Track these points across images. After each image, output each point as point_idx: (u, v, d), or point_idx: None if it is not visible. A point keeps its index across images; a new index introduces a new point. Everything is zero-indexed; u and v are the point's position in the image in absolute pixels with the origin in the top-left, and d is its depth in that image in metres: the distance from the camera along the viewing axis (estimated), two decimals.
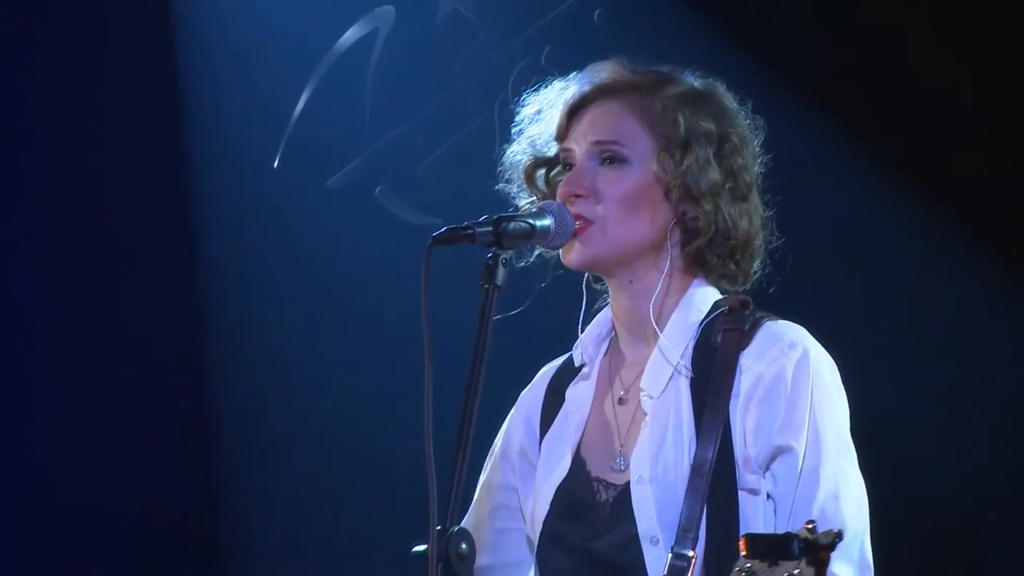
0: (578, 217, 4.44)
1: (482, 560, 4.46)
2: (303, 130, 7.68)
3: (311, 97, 7.67)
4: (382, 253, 7.10)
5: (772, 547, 3.77)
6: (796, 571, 3.72)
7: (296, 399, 7.61)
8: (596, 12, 6.90)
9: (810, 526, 3.70)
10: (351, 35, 7.57)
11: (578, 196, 4.47)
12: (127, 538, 8.07)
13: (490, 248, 4.29)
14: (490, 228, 4.30)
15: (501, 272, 4.26)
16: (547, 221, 4.40)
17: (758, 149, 4.61)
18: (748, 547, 3.78)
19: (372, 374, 7.20)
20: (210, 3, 7.73)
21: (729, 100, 4.60)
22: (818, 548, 3.73)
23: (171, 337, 7.94)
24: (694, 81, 4.60)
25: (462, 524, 4.26)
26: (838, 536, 3.65)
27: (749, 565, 3.82)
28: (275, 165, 7.70)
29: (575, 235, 4.44)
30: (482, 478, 4.65)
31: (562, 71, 4.75)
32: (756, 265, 4.60)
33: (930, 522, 6.68)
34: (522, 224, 4.36)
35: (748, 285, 4.61)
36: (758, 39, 6.51)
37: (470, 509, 4.67)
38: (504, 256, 4.27)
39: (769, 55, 6.46)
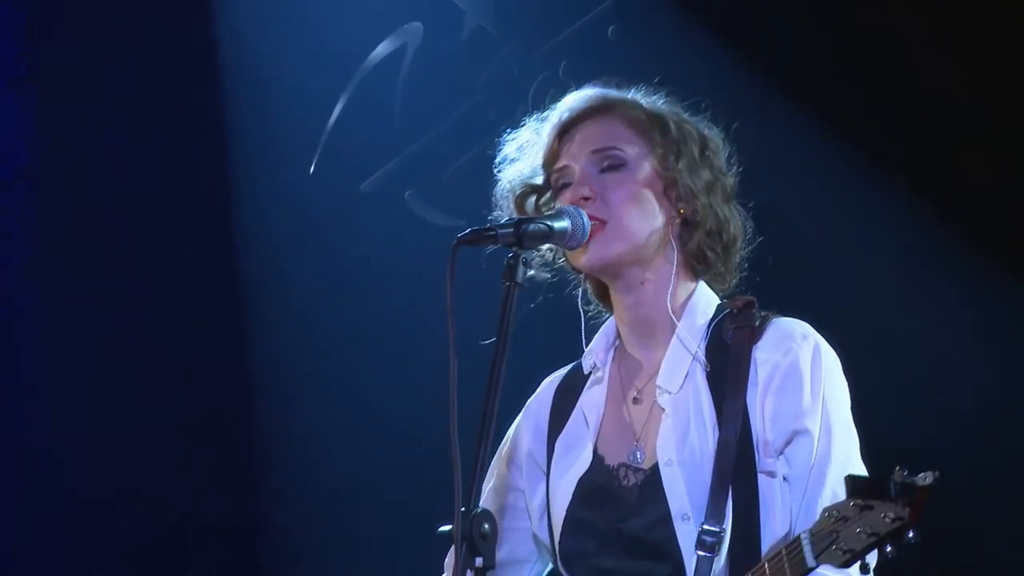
0: (592, 218, 4.45)
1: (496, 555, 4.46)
2: (337, 137, 7.69)
3: (345, 107, 7.68)
4: (410, 253, 7.10)
5: (869, 489, 3.77)
6: (892, 513, 3.73)
7: (332, 389, 7.60)
8: (610, 28, 6.90)
9: (901, 469, 3.72)
10: (382, 49, 7.58)
11: (587, 199, 4.48)
12: (172, 525, 8.00)
13: (511, 248, 4.29)
14: (511, 229, 4.31)
15: (521, 271, 4.27)
16: (565, 223, 4.40)
17: (727, 163, 4.64)
18: (849, 487, 3.79)
19: (400, 366, 7.19)
20: (252, 21, 7.73)
21: (696, 116, 4.66)
22: (915, 489, 3.72)
23: (213, 329, 7.93)
24: (663, 99, 4.64)
25: None
26: (936, 478, 3.68)
27: (838, 510, 3.83)
28: (311, 170, 7.70)
29: (591, 236, 4.44)
30: (488, 483, 4.63)
31: (578, 83, 4.78)
32: (736, 264, 4.63)
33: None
34: (541, 226, 4.36)
35: (731, 286, 4.64)
36: (760, 51, 6.46)
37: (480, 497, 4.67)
38: (524, 256, 4.29)
39: (770, 66, 6.41)
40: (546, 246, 4.60)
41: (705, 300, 4.58)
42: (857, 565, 3.85)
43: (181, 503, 7.98)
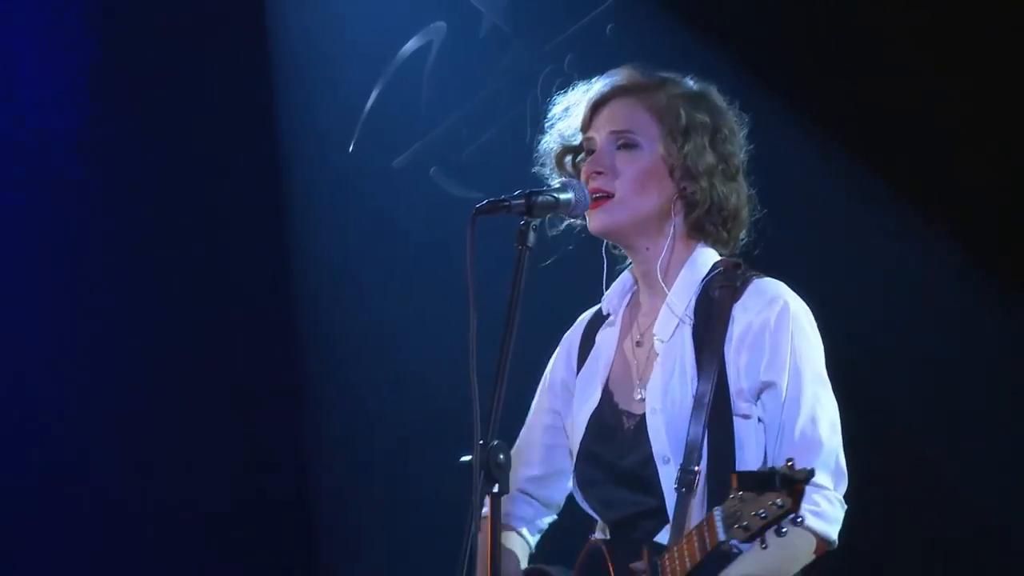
0: (599, 191, 4.47)
1: (533, 471, 4.68)
2: (373, 121, 7.69)
3: (379, 95, 7.65)
4: (435, 221, 7.08)
5: (758, 481, 3.86)
6: (779, 500, 3.82)
7: (376, 349, 7.59)
8: (608, 27, 6.87)
9: (790, 463, 3.81)
10: (411, 45, 7.57)
11: (599, 173, 4.48)
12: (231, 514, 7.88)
13: (522, 217, 4.29)
14: (522, 200, 4.31)
15: (532, 236, 4.26)
16: (569, 195, 4.41)
17: (743, 140, 4.60)
18: (739, 482, 3.89)
19: (426, 321, 7.16)
20: (299, 20, 7.72)
21: (720, 99, 4.61)
22: (794, 481, 3.82)
23: (263, 291, 7.88)
24: (692, 83, 4.61)
25: (517, 443, 4.57)
26: (810, 474, 3.78)
27: (741, 494, 3.90)
28: (350, 149, 7.69)
29: (595, 206, 4.46)
30: (533, 405, 4.68)
31: (581, 75, 4.78)
32: (743, 233, 4.60)
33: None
34: (548, 197, 4.37)
35: (737, 249, 4.61)
36: (746, 47, 6.40)
37: (523, 431, 4.71)
38: (534, 223, 4.28)
39: (755, 61, 6.34)
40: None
41: (702, 260, 4.55)
42: (815, 495, 4.06)
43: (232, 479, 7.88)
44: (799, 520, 3.84)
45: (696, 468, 4.30)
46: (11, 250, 7.76)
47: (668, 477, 4.34)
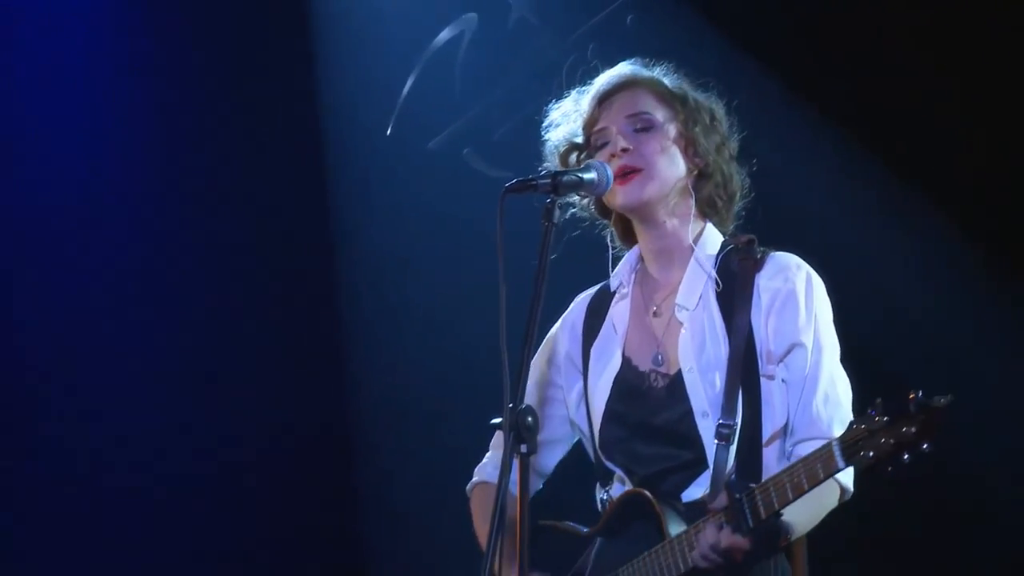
0: (628, 167, 4.52)
1: None
2: (410, 105, 7.68)
3: (415, 81, 7.65)
4: (467, 199, 7.08)
5: (893, 408, 3.83)
6: (913, 428, 3.79)
7: (414, 318, 7.60)
8: (629, 17, 6.86)
9: (919, 392, 3.79)
10: (445, 34, 7.56)
11: (625, 151, 4.53)
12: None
13: (548, 195, 4.31)
14: (548, 180, 4.33)
15: (557, 213, 4.29)
16: (592, 174, 4.44)
17: (732, 128, 4.70)
18: (881, 407, 3.84)
19: (458, 293, 7.15)
20: (340, 12, 7.73)
21: (707, 93, 4.71)
22: (931, 409, 3.79)
23: (306, 263, 7.89)
24: (682, 77, 4.70)
25: None
26: (951, 402, 3.76)
27: (865, 424, 3.87)
28: (388, 132, 7.69)
29: (625, 181, 4.51)
30: (530, 380, 4.56)
31: (603, 62, 4.83)
32: (734, 214, 4.69)
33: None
34: (573, 176, 4.39)
35: (730, 229, 4.68)
36: (755, 40, 6.36)
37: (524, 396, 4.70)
38: (559, 201, 4.31)
39: (763, 54, 6.30)
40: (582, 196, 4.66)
41: (713, 237, 4.62)
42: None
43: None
44: (927, 449, 3.80)
45: (732, 422, 4.36)
46: (72, 240, 7.75)
47: (708, 430, 4.40)
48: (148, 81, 7.87)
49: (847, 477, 4.31)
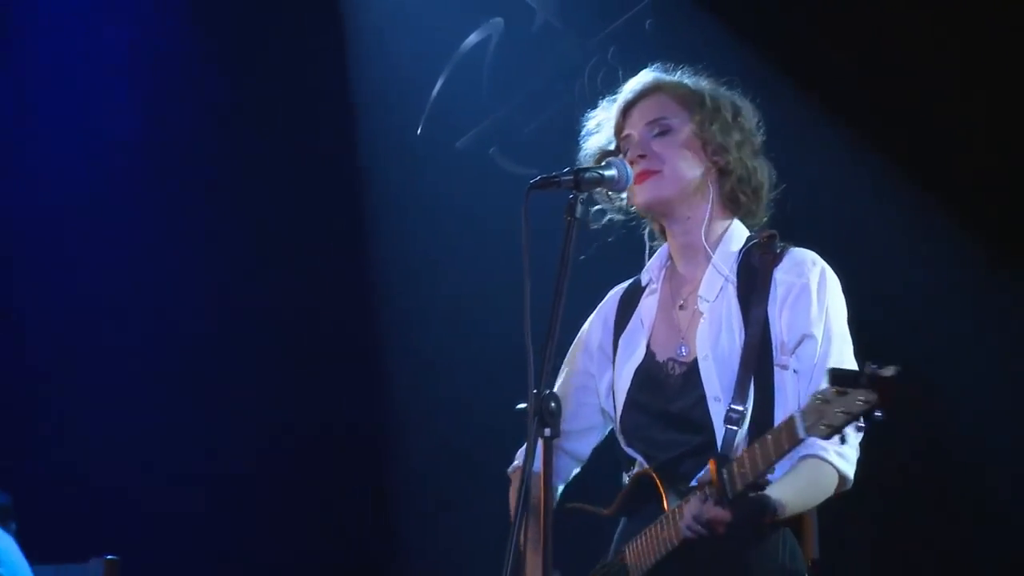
0: (647, 171, 4.53)
1: (565, 426, 4.48)
2: (439, 106, 7.69)
3: (445, 83, 7.66)
4: (494, 195, 7.08)
5: (846, 380, 3.84)
6: (864, 396, 3.82)
7: (443, 310, 7.60)
8: (647, 22, 6.86)
9: (874, 366, 3.80)
10: (473, 38, 7.58)
11: (642, 156, 4.54)
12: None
13: (571, 191, 4.31)
14: (571, 177, 4.33)
15: (580, 209, 4.28)
16: (612, 171, 4.44)
17: (757, 126, 4.67)
18: (832, 379, 3.85)
19: (483, 284, 7.14)
20: (373, 17, 7.75)
21: (734, 91, 4.69)
22: (881, 379, 3.80)
23: (342, 259, 7.90)
24: (704, 79, 4.68)
25: None
26: (900, 372, 3.78)
27: (822, 395, 3.90)
28: (418, 132, 7.70)
29: (643, 180, 4.52)
30: (564, 369, 4.71)
31: (623, 65, 4.83)
32: (766, 207, 4.66)
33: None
34: (594, 173, 4.39)
35: (762, 223, 4.66)
36: (774, 41, 6.33)
37: (556, 390, 4.67)
38: (582, 197, 4.30)
39: (777, 56, 6.27)
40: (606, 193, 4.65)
41: (738, 233, 4.61)
42: (837, 437, 3.92)
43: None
44: (879, 417, 3.82)
45: (742, 407, 4.36)
46: (108, 237, 7.78)
47: (718, 414, 4.40)
48: (184, 80, 7.91)
49: (847, 467, 4.32)
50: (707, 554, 4.25)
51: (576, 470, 4.78)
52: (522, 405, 4.18)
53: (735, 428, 4.35)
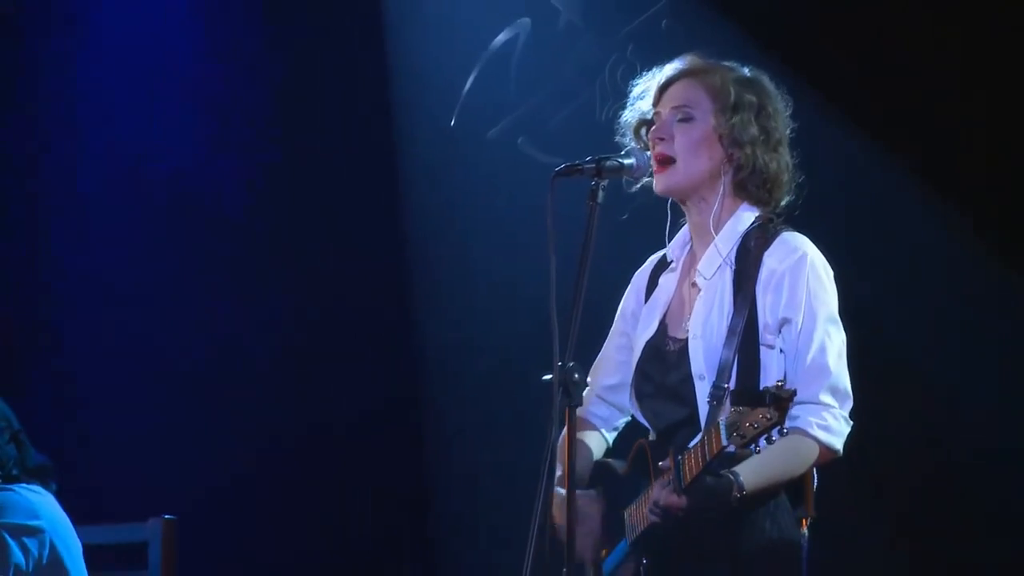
0: (661, 155, 4.51)
1: (609, 381, 4.71)
2: (471, 99, 7.68)
3: (476, 78, 7.66)
4: (522, 182, 7.10)
5: (753, 399, 4.01)
6: (768, 414, 3.97)
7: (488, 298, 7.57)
8: (663, 21, 6.85)
9: (780, 384, 3.97)
10: (502, 37, 7.57)
11: (662, 139, 4.53)
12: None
13: (593, 178, 4.34)
14: (593, 165, 4.36)
15: (601, 194, 4.31)
16: (631, 160, 4.45)
17: (788, 119, 4.63)
18: (737, 399, 4.05)
19: (511, 266, 7.12)
20: (411, 17, 7.75)
21: (770, 84, 4.64)
22: (780, 399, 3.96)
23: (380, 245, 7.86)
24: (746, 70, 4.64)
25: (597, 357, 4.66)
26: (793, 394, 3.96)
27: (740, 408, 4.03)
28: (452, 123, 7.70)
29: (659, 170, 4.50)
30: (612, 331, 4.74)
31: (641, 61, 4.83)
32: (784, 195, 4.62)
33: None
34: (614, 162, 4.41)
35: (779, 209, 4.63)
36: (777, 41, 6.27)
37: (603, 348, 4.77)
38: (603, 183, 4.33)
39: (783, 54, 6.16)
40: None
41: (745, 216, 4.58)
42: (753, 447, 4.07)
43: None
44: (784, 431, 3.98)
45: (726, 385, 4.34)
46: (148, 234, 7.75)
47: (703, 392, 4.39)
48: (226, 76, 7.89)
49: (830, 437, 4.32)
50: (698, 525, 4.27)
51: (624, 418, 4.78)
52: (548, 376, 4.21)
53: (717, 405, 4.33)
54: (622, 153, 4.50)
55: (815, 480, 4.44)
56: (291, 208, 7.85)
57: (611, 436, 4.79)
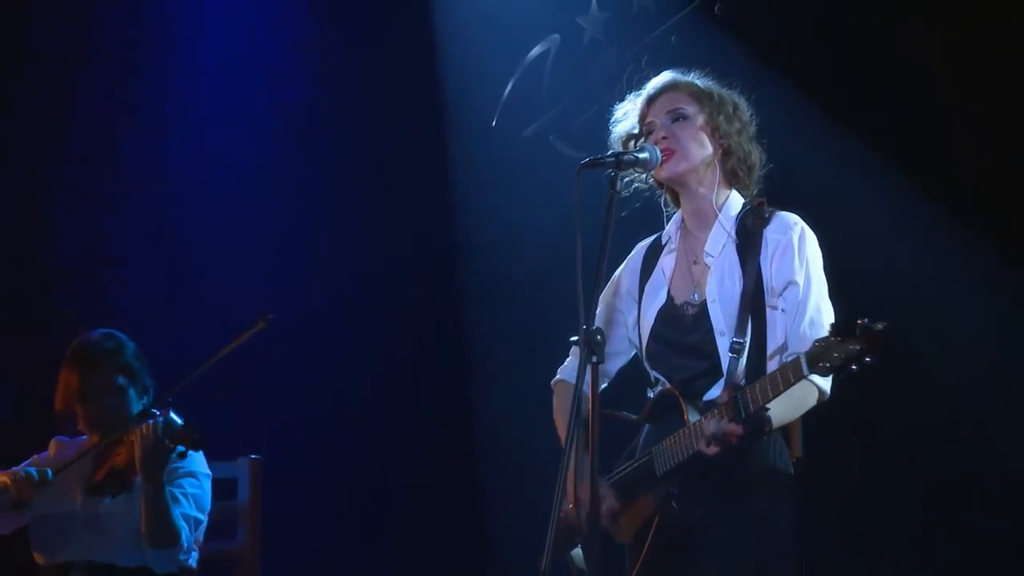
0: (667, 150, 4.57)
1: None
2: (511, 103, 7.68)
3: (514, 84, 7.67)
4: (552, 173, 7.09)
5: (843, 329, 3.90)
6: (858, 345, 3.88)
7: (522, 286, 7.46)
8: (672, 37, 6.85)
9: (865, 319, 3.85)
10: (536, 50, 7.57)
11: (664, 138, 4.59)
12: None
13: (613, 170, 4.41)
14: (613, 158, 4.43)
15: (620, 184, 4.37)
16: (646, 154, 4.54)
17: (752, 116, 4.71)
18: (832, 328, 3.91)
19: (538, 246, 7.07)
20: (458, 29, 7.75)
21: (733, 90, 4.73)
22: (872, 331, 3.84)
23: (428, 235, 7.78)
24: (711, 80, 4.73)
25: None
26: (886, 328, 3.85)
27: (824, 341, 3.96)
28: (494, 123, 7.72)
29: (666, 160, 4.56)
30: (600, 305, 4.69)
31: (653, 71, 4.84)
32: (755, 185, 4.71)
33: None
34: (632, 156, 4.50)
35: (752, 194, 4.70)
36: (775, 55, 6.20)
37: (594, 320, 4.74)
38: (622, 175, 4.40)
39: (782, 67, 6.11)
40: (637, 170, 4.69)
41: (736, 201, 4.67)
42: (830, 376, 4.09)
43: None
44: (868, 362, 3.88)
45: (742, 340, 4.41)
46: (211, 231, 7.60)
47: (724, 346, 4.47)
48: (283, 79, 7.80)
49: (826, 384, 4.38)
50: (717, 456, 4.32)
51: (605, 385, 4.83)
52: (574, 337, 4.26)
53: (737, 356, 4.42)
54: (638, 148, 4.56)
55: (800, 426, 4.51)
56: (353, 188, 7.75)
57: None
